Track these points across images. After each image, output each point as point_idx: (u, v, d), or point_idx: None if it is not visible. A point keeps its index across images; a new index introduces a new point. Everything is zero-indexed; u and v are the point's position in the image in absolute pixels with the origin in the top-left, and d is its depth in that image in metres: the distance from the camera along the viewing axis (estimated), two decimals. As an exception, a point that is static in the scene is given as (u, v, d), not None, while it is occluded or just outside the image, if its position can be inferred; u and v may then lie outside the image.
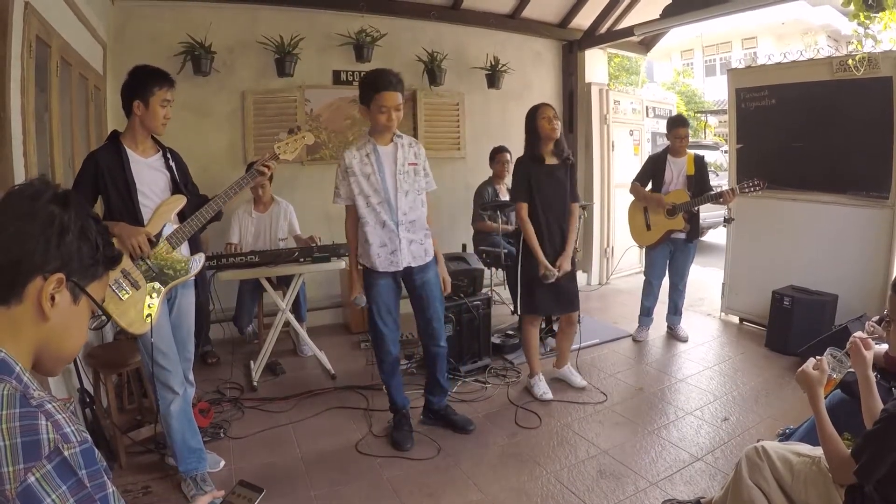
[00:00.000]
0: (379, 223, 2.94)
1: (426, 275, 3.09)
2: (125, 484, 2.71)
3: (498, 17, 5.89)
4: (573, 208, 3.64)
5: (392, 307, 3.08)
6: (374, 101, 2.83)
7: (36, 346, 0.94)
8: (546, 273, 3.45)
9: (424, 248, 3.06)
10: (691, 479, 2.75)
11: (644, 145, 7.25)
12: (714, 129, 17.62)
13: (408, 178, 2.97)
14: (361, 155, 2.92)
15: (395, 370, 3.20)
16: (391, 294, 3.06)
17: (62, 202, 0.94)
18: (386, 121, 2.85)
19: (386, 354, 3.12)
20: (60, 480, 0.79)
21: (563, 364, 3.90)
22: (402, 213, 2.95)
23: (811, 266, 4.46)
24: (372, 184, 2.91)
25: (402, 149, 2.98)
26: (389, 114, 2.85)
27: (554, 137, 3.49)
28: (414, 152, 3.03)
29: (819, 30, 17.47)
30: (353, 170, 2.90)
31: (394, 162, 2.94)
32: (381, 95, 2.82)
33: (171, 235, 2.53)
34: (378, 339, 3.10)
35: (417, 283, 3.07)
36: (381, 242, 2.95)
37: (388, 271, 2.99)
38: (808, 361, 1.87)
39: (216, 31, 4.64)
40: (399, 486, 2.75)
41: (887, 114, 3.94)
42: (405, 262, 2.99)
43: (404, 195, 2.95)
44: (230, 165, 4.76)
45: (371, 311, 3.06)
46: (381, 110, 2.84)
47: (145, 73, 2.47)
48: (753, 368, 4.10)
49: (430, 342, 3.20)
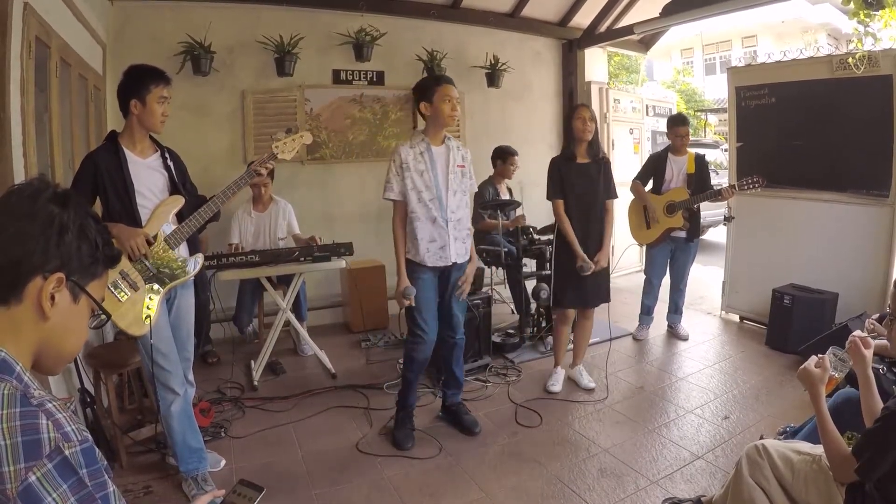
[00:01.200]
0: (430, 219, 3.01)
1: (461, 271, 3.18)
2: (126, 484, 2.71)
3: (498, 15, 5.89)
4: (608, 205, 3.70)
5: (433, 306, 3.12)
6: (438, 93, 2.97)
7: (36, 346, 0.94)
8: (583, 265, 3.50)
9: (466, 246, 3.16)
10: (692, 478, 2.75)
11: (644, 144, 7.25)
12: (714, 127, 17.62)
13: (456, 179, 3.08)
14: (415, 152, 3.02)
15: (422, 370, 3.23)
16: (433, 291, 3.10)
17: (61, 202, 0.94)
18: (451, 110, 2.98)
19: (420, 354, 3.12)
20: (61, 479, 0.79)
21: (577, 363, 3.92)
22: (450, 210, 3.04)
23: (811, 264, 4.46)
24: (425, 181, 3.00)
25: (453, 150, 3.09)
26: (454, 104, 2.98)
27: (585, 139, 3.57)
28: (462, 155, 3.15)
29: (819, 28, 17.46)
30: (409, 165, 2.99)
31: (446, 162, 3.05)
32: (445, 87, 2.99)
33: (169, 236, 2.52)
34: (417, 340, 3.10)
35: (453, 277, 3.15)
36: (431, 238, 3.02)
37: (435, 266, 3.04)
38: (810, 359, 1.87)
39: (216, 30, 4.64)
40: (400, 485, 2.75)
41: (887, 112, 3.94)
42: (453, 258, 3.07)
43: (453, 194, 3.06)
44: (230, 165, 4.76)
45: (411, 310, 3.08)
46: (445, 100, 2.97)
47: (141, 71, 2.47)
48: (754, 367, 4.10)
49: (451, 333, 3.24)
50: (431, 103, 2.99)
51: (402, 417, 3.22)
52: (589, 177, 3.60)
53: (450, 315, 3.21)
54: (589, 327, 3.86)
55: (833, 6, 14.88)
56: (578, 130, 3.54)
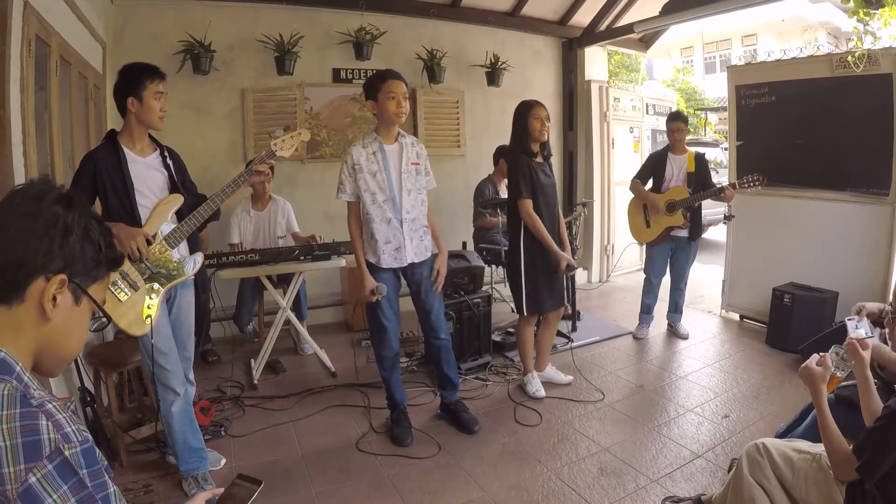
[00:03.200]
0: (384, 220, 2.98)
1: (425, 270, 3.14)
2: (126, 482, 2.71)
3: (497, 14, 5.88)
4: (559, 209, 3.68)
5: (393, 301, 3.11)
6: (382, 90, 2.90)
7: (36, 347, 0.94)
8: (570, 264, 3.47)
9: (424, 244, 3.12)
10: (692, 476, 2.75)
11: (644, 143, 7.24)
12: (714, 126, 17.61)
13: (410, 178, 3.03)
14: (368, 153, 2.97)
15: (395, 365, 3.22)
16: (392, 289, 3.10)
17: (66, 203, 0.94)
18: (396, 107, 2.90)
19: (387, 349, 3.13)
20: (61, 480, 0.79)
21: (543, 366, 3.86)
22: (405, 211, 3.00)
23: (811, 263, 4.46)
24: (378, 182, 2.97)
25: (406, 148, 3.04)
26: (399, 100, 2.91)
27: (542, 140, 3.48)
28: (416, 151, 3.09)
29: (819, 27, 17.45)
30: (361, 166, 2.95)
31: (399, 161, 3.00)
32: (389, 83, 2.91)
33: (169, 235, 2.52)
34: (380, 333, 3.11)
35: (417, 278, 3.13)
36: (387, 239, 3.00)
37: (391, 267, 3.03)
38: (812, 358, 1.87)
39: (216, 29, 4.63)
40: (400, 484, 2.75)
41: (887, 110, 3.94)
42: (409, 259, 3.05)
43: (407, 194, 3.01)
44: (230, 164, 4.76)
45: (371, 306, 3.08)
46: (389, 97, 2.90)
47: (135, 69, 2.47)
48: (754, 365, 4.10)
49: (431, 335, 3.24)
50: (377, 101, 2.93)
51: (396, 415, 3.23)
52: (549, 176, 3.56)
53: (426, 314, 3.19)
54: (556, 328, 3.87)
55: (833, 5, 14.88)
56: (536, 130, 3.42)
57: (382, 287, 3.00)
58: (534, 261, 3.51)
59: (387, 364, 3.17)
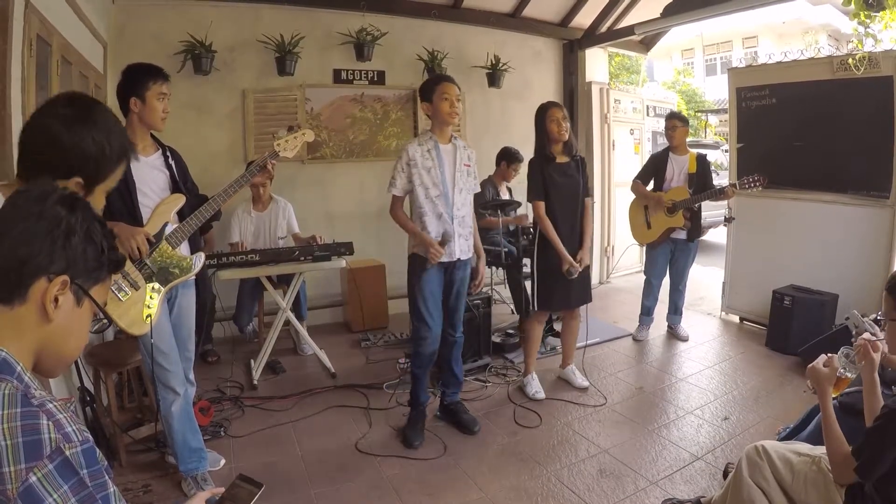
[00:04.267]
0: (436, 215, 3.07)
1: (466, 270, 3.23)
2: (125, 482, 2.71)
3: (498, 15, 5.89)
4: (586, 203, 3.67)
5: (438, 298, 3.15)
6: (436, 91, 3.03)
7: (37, 347, 0.94)
8: (570, 269, 3.48)
9: (469, 244, 3.21)
10: (691, 479, 2.75)
11: (644, 144, 7.25)
12: (715, 128, 17.60)
13: (463, 177, 3.13)
14: (423, 150, 3.06)
15: (429, 365, 3.24)
16: (439, 286, 3.14)
17: (69, 204, 0.95)
18: (449, 108, 3.02)
19: (427, 347, 3.15)
20: (62, 480, 0.79)
21: (567, 363, 3.91)
22: (456, 207, 3.09)
23: (811, 265, 4.46)
24: (432, 177, 3.06)
25: (459, 150, 3.14)
26: (452, 101, 3.02)
27: (562, 140, 3.53)
28: (468, 154, 3.21)
29: (819, 29, 17.46)
30: (416, 161, 3.04)
31: (453, 160, 3.10)
32: (443, 85, 3.04)
33: (170, 235, 2.52)
34: (422, 332, 3.13)
35: (458, 276, 3.19)
36: (437, 233, 3.06)
37: (441, 261, 3.07)
38: (819, 358, 1.87)
39: (217, 29, 4.63)
40: (399, 485, 2.75)
41: (888, 113, 3.94)
42: (457, 254, 3.11)
43: (459, 192, 3.11)
44: (231, 164, 4.76)
45: (418, 302, 3.11)
46: (443, 98, 3.02)
47: (138, 69, 2.47)
48: (753, 368, 4.10)
49: (452, 331, 3.28)
50: (431, 103, 3.05)
51: (414, 416, 3.24)
52: (570, 176, 3.58)
53: (452, 312, 3.25)
54: (577, 327, 3.86)
55: (834, 7, 14.88)
56: (554, 132, 3.50)
57: (448, 232, 3.03)
58: (546, 259, 3.57)
59: (423, 362, 3.20)
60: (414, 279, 3.12)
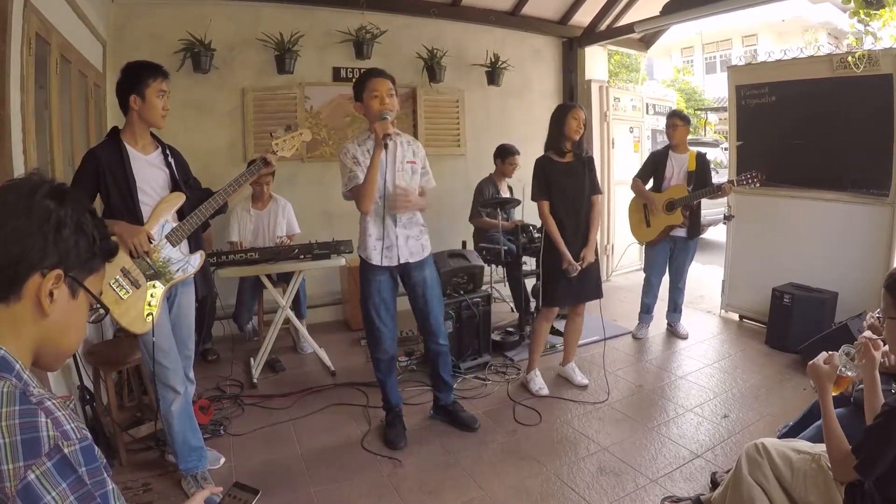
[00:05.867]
0: (378, 216, 2.94)
1: (423, 272, 3.10)
2: (125, 481, 2.71)
3: (498, 13, 5.88)
4: (594, 200, 3.67)
5: (390, 305, 3.08)
6: (366, 90, 2.87)
7: (35, 343, 0.94)
8: (569, 268, 3.49)
9: (421, 243, 3.08)
10: (691, 476, 2.75)
11: (644, 142, 7.25)
12: (714, 126, 17.61)
13: (405, 176, 2.98)
14: (363, 150, 2.93)
15: (391, 369, 3.20)
16: (389, 291, 3.06)
17: (59, 197, 0.93)
18: (379, 105, 2.84)
19: (382, 353, 3.11)
20: (60, 478, 0.79)
21: (568, 361, 3.91)
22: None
23: (811, 263, 4.46)
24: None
25: (401, 147, 2.98)
26: (382, 98, 2.85)
27: (575, 139, 3.56)
28: (412, 150, 3.04)
29: (819, 27, 17.45)
30: (358, 160, 2.90)
31: (393, 159, 2.94)
32: (371, 82, 2.87)
33: (171, 233, 2.52)
34: (375, 337, 3.09)
35: (415, 280, 3.09)
36: (378, 236, 2.96)
37: (384, 266, 2.99)
38: (820, 355, 1.87)
39: (216, 28, 4.63)
40: (399, 483, 2.75)
41: (887, 111, 3.94)
42: (402, 258, 3.01)
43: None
44: (231, 163, 4.76)
45: (368, 309, 3.05)
46: (373, 96, 2.85)
47: (138, 67, 2.47)
48: (753, 366, 4.10)
49: (430, 340, 3.21)
50: (362, 102, 2.91)
51: (391, 418, 3.21)
52: (576, 175, 3.59)
53: (425, 318, 3.16)
54: (580, 324, 3.86)
55: (834, 5, 14.89)
56: (572, 128, 3.51)
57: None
58: (551, 257, 3.59)
59: (382, 367, 3.15)
60: (363, 285, 3.04)
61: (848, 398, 2.10)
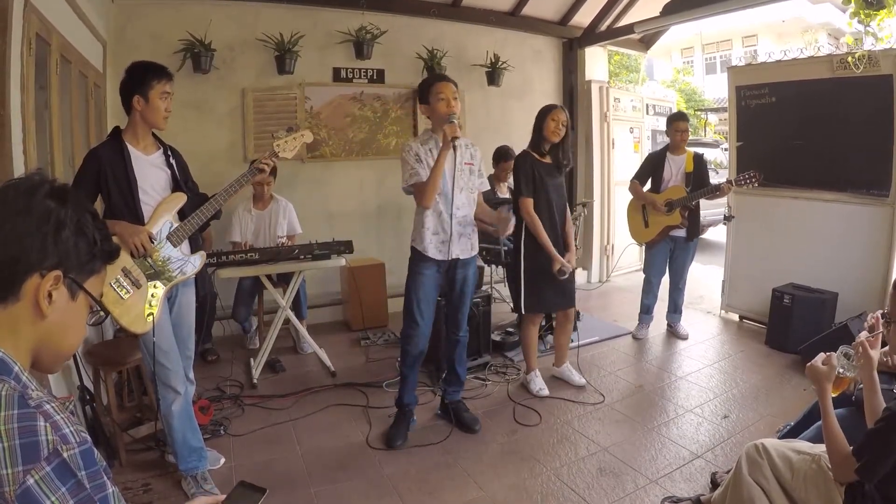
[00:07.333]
0: (436, 212, 3.05)
1: (468, 270, 3.20)
2: (125, 481, 2.71)
3: (498, 14, 5.88)
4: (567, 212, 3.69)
5: (431, 300, 3.13)
6: (432, 92, 3.01)
7: (34, 345, 0.93)
8: (562, 269, 3.47)
9: (471, 242, 3.19)
10: (691, 477, 2.75)
11: (644, 143, 7.24)
12: (714, 126, 17.62)
13: (464, 176, 3.10)
14: (426, 149, 3.05)
15: (417, 364, 3.22)
16: (433, 286, 3.13)
17: (59, 197, 0.92)
18: (445, 108, 2.98)
19: (414, 347, 3.14)
20: (60, 482, 0.78)
21: (562, 362, 3.92)
22: (455, 207, 3.05)
23: (811, 264, 4.46)
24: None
25: (461, 148, 3.08)
26: (448, 100, 2.98)
27: (553, 140, 3.53)
28: (470, 153, 3.17)
29: (819, 28, 17.45)
30: (420, 158, 3.01)
31: (454, 159, 3.03)
32: (437, 85, 3.01)
33: (171, 234, 2.52)
34: (411, 331, 3.13)
35: (459, 276, 3.17)
36: (435, 230, 3.05)
37: (436, 259, 3.06)
38: (818, 356, 1.86)
39: (216, 28, 4.63)
40: (399, 483, 2.75)
41: (887, 112, 3.94)
42: (454, 254, 3.09)
43: (460, 191, 3.07)
44: (231, 163, 4.75)
45: (410, 300, 3.11)
46: (439, 98, 2.99)
47: (142, 67, 2.47)
48: (753, 366, 4.10)
49: (455, 331, 3.28)
50: (429, 104, 3.03)
51: (398, 416, 3.23)
52: (556, 176, 3.60)
53: (455, 311, 3.25)
54: (570, 328, 3.89)
55: (834, 6, 14.89)
56: (549, 129, 3.50)
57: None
58: (534, 260, 3.54)
59: (410, 361, 3.18)
60: (410, 276, 3.12)
61: (850, 398, 2.10)
